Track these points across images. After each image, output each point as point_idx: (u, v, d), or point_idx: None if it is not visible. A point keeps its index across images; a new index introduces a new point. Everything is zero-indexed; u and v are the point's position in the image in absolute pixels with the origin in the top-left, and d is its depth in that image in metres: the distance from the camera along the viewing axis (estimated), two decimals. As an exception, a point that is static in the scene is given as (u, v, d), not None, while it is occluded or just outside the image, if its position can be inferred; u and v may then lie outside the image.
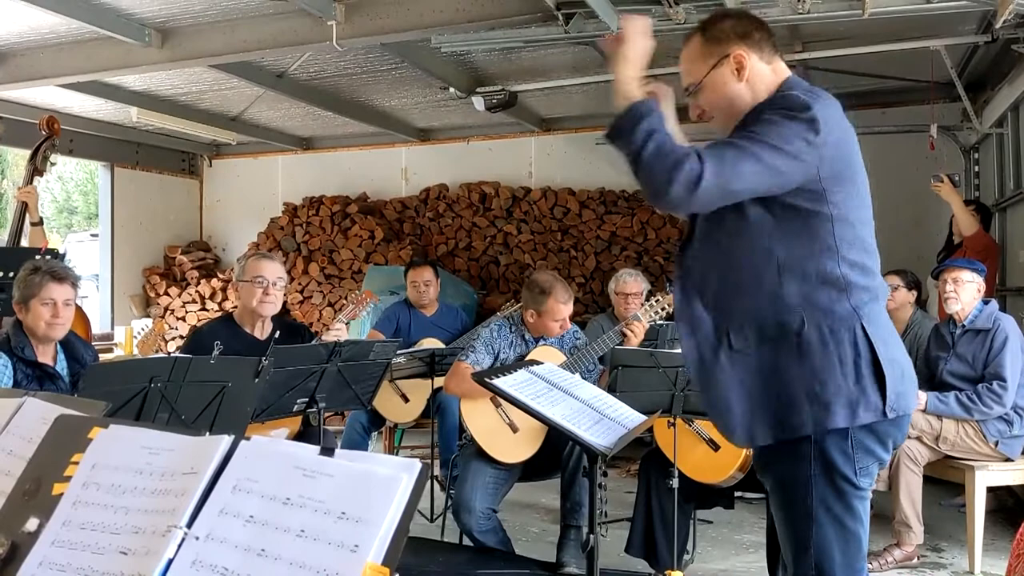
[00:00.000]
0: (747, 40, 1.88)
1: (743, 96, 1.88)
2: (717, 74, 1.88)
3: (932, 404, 3.83)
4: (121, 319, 7.64)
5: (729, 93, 1.88)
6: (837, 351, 1.75)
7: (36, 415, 1.34)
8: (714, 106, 1.92)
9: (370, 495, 1.04)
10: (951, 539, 4.21)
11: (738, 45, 1.87)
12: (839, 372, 1.75)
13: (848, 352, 1.75)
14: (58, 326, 3.11)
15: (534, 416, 2.33)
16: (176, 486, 1.12)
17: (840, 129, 1.80)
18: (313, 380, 3.17)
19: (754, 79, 1.87)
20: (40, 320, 3.08)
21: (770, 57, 1.90)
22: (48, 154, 4.74)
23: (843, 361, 1.75)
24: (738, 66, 1.87)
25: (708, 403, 1.92)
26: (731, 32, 1.88)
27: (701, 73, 1.90)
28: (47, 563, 1.11)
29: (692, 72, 1.93)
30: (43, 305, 3.08)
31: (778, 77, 1.90)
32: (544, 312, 3.59)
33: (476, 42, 4.85)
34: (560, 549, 3.40)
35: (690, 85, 1.94)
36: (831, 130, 1.76)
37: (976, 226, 4.90)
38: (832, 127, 1.76)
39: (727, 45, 1.88)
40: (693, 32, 1.96)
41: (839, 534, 1.79)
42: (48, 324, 3.08)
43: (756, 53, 1.88)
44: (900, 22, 4.54)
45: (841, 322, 1.76)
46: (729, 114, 1.90)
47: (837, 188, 1.78)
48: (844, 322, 1.76)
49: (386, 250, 7.36)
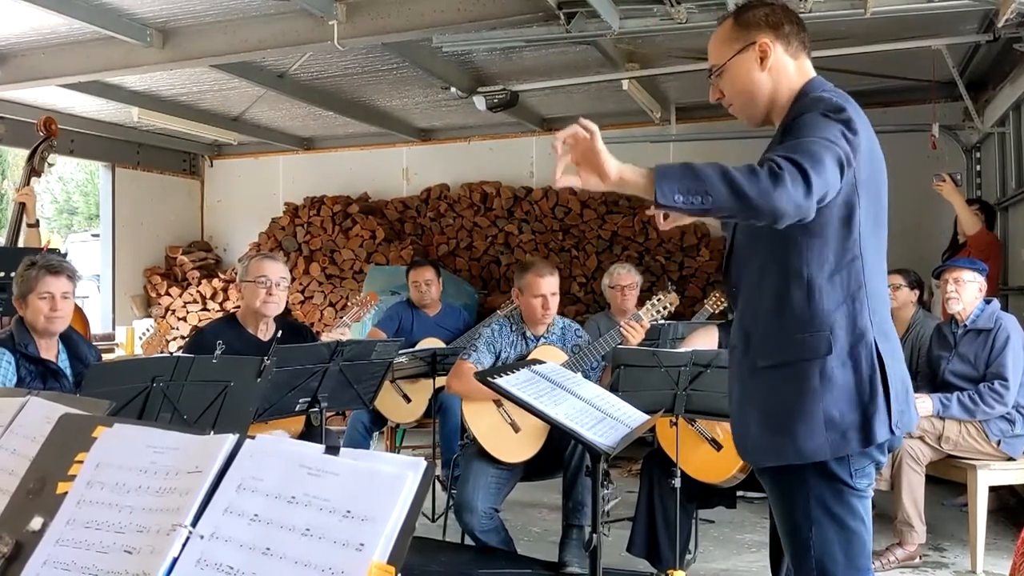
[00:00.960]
0: (776, 31, 1.88)
1: (763, 86, 1.88)
2: (741, 59, 1.89)
3: (936, 408, 3.82)
4: (122, 319, 7.65)
5: (750, 80, 1.89)
6: (855, 372, 1.76)
7: (40, 414, 1.34)
8: (734, 91, 1.93)
9: (375, 493, 1.04)
10: (953, 538, 4.20)
11: (766, 34, 1.87)
12: (856, 394, 1.76)
13: (865, 370, 1.76)
14: (57, 319, 3.12)
15: (537, 415, 2.32)
16: (180, 485, 1.12)
17: (868, 134, 1.80)
18: (315, 380, 3.17)
19: (777, 71, 1.87)
20: (39, 314, 3.09)
21: (796, 52, 1.90)
22: (46, 155, 4.75)
23: (860, 380, 1.76)
24: (762, 55, 1.87)
25: (732, 418, 1.94)
26: (762, 20, 1.88)
27: (725, 56, 1.91)
28: (51, 562, 1.11)
29: (717, 54, 1.93)
30: (41, 299, 3.09)
31: (802, 76, 1.89)
32: (525, 288, 3.61)
33: (477, 42, 4.84)
34: (562, 549, 3.40)
35: (714, 67, 1.94)
36: (863, 133, 1.75)
37: (979, 225, 4.89)
38: (862, 131, 1.76)
39: (755, 32, 1.88)
40: (727, 15, 1.96)
41: (840, 533, 1.79)
42: (47, 318, 3.10)
43: (782, 45, 1.88)
44: (901, 21, 4.53)
45: (860, 338, 1.77)
46: (748, 101, 1.91)
47: (865, 193, 1.78)
48: (862, 338, 1.77)
49: (387, 250, 7.36)
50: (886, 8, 4.15)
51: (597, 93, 6.32)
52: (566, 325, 3.77)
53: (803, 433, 1.76)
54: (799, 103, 1.84)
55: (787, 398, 1.79)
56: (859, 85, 5.87)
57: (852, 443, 1.75)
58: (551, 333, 3.70)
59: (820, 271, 1.77)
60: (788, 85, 1.88)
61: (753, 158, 1.68)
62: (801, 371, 1.77)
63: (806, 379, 1.76)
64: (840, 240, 1.77)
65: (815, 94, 1.82)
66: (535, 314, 3.62)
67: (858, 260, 1.78)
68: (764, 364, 1.83)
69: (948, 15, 4.47)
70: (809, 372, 1.76)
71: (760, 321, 1.84)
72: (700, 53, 5.30)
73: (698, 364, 3.12)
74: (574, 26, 4.36)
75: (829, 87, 1.87)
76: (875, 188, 1.82)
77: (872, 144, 1.81)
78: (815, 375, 1.76)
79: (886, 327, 1.81)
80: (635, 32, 4.57)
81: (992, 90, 5.70)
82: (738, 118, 1.97)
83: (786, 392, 1.79)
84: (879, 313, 1.80)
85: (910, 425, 1.83)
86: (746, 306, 1.90)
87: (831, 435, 1.75)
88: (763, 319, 1.83)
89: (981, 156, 6.25)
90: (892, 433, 1.76)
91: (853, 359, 1.76)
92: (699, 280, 6.77)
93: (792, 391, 1.78)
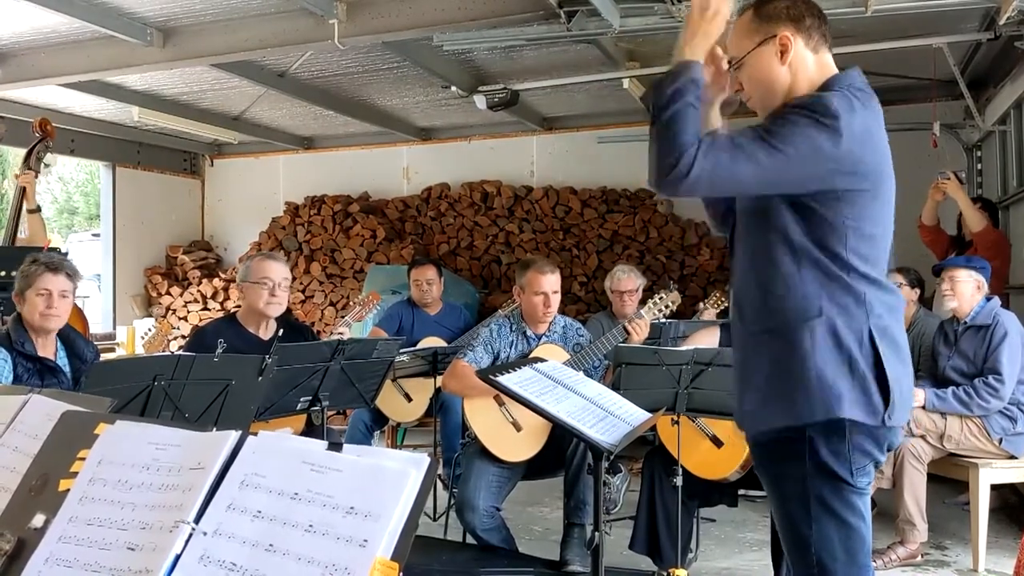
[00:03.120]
0: (797, 24, 1.86)
1: (782, 80, 1.86)
2: (761, 52, 1.87)
3: (931, 401, 3.84)
4: (123, 319, 7.65)
5: (769, 74, 1.87)
6: (847, 348, 1.76)
7: (41, 412, 1.34)
8: (753, 84, 1.91)
9: (379, 490, 1.03)
10: (955, 537, 4.20)
11: (787, 27, 1.85)
12: (848, 367, 1.75)
13: (855, 352, 1.75)
14: (53, 317, 3.11)
15: (539, 413, 2.32)
16: (183, 481, 1.12)
17: (869, 139, 1.78)
18: (316, 378, 3.17)
19: (796, 65, 1.85)
20: (35, 310, 3.09)
21: (817, 46, 1.88)
22: (42, 155, 4.77)
23: (853, 360, 1.75)
24: (782, 48, 1.85)
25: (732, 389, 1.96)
26: (783, 13, 1.86)
27: (745, 49, 1.88)
28: (54, 559, 1.10)
29: (738, 46, 1.91)
30: (39, 295, 3.09)
31: (823, 71, 1.87)
32: (526, 285, 3.61)
33: (478, 40, 4.84)
34: (564, 547, 3.39)
35: (733, 59, 1.92)
36: (856, 141, 1.74)
37: (984, 222, 4.88)
38: (859, 137, 1.74)
39: (776, 25, 1.85)
40: (748, 6, 1.94)
41: (839, 530, 1.79)
42: (43, 315, 3.09)
43: (803, 39, 1.86)
44: (902, 20, 4.53)
45: (851, 322, 1.76)
46: (766, 94, 1.89)
47: (856, 199, 1.77)
48: (854, 323, 1.76)
49: (388, 249, 7.35)
50: (887, 6, 4.14)
51: (598, 92, 6.32)
52: (567, 324, 3.76)
53: (800, 393, 1.77)
54: (803, 97, 1.82)
55: (781, 360, 1.80)
56: (860, 84, 5.87)
57: (846, 405, 1.74)
58: (552, 332, 3.69)
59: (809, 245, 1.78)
60: (807, 79, 1.86)
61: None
62: (794, 333, 1.78)
63: (799, 341, 1.77)
64: (827, 236, 1.77)
65: (819, 94, 1.80)
66: (536, 312, 3.62)
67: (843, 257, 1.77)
68: (756, 328, 1.85)
69: (949, 13, 4.46)
70: (801, 333, 1.77)
71: (751, 291, 1.87)
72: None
73: (700, 362, 3.12)
74: (575, 24, 4.36)
75: (847, 84, 1.83)
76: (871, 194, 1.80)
77: (873, 147, 1.80)
78: (807, 336, 1.76)
79: (884, 323, 1.79)
80: (636, 30, 4.57)
81: (993, 88, 5.70)
82: (755, 111, 1.94)
83: (779, 353, 1.80)
84: (883, 319, 1.79)
85: (901, 420, 1.82)
86: (739, 280, 1.93)
87: (824, 396, 1.75)
88: (753, 291, 1.86)
89: (982, 155, 6.25)
90: (883, 424, 1.76)
91: (851, 336, 1.76)
92: (700, 279, 6.77)
93: (785, 352, 1.79)
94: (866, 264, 1.79)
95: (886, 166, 1.84)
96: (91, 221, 19.66)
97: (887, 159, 1.85)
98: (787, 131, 1.72)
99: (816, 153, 1.72)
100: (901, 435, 1.89)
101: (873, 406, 1.75)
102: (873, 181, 1.80)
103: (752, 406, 1.87)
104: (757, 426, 1.89)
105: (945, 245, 5.18)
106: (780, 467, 1.84)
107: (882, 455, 1.82)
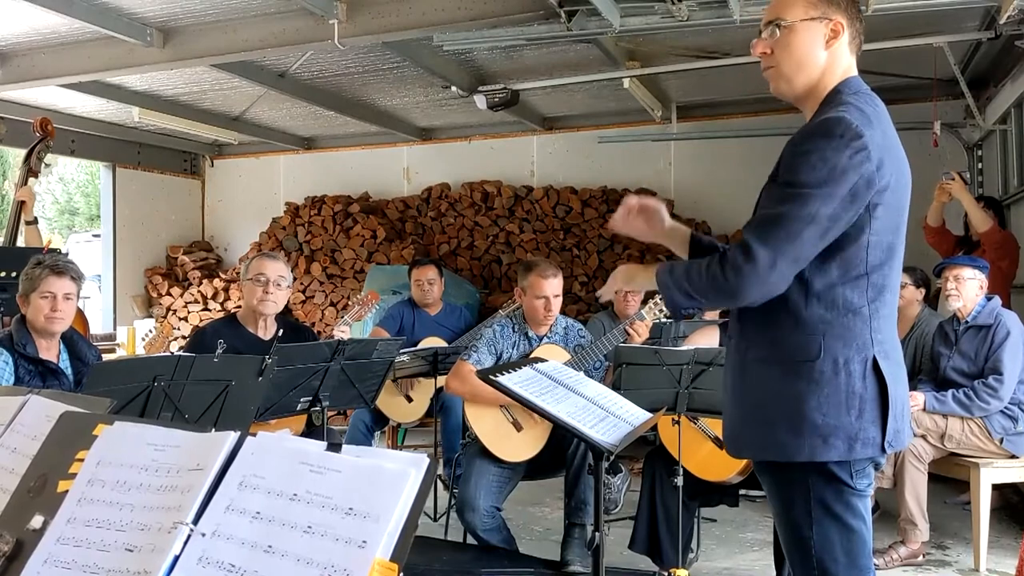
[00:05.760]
0: (851, 19, 1.82)
1: (818, 63, 1.81)
2: (811, 27, 1.80)
3: (930, 404, 3.83)
4: (123, 319, 7.64)
5: (811, 52, 1.80)
6: (848, 383, 1.73)
7: (40, 412, 1.33)
8: (786, 53, 1.82)
9: (378, 490, 1.03)
10: (956, 536, 4.19)
11: (843, 16, 1.81)
12: (844, 405, 1.73)
13: (857, 385, 1.73)
14: (56, 320, 3.11)
15: (539, 413, 2.31)
16: (182, 482, 1.11)
17: (889, 150, 1.75)
18: (317, 379, 3.17)
19: (835, 55, 1.81)
20: (39, 313, 3.09)
21: (853, 49, 1.85)
22: (42, 155, 4.79)
23: (851, 394, 1.73)
24: (832, 34, 1.80)
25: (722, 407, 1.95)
26: (844, 2, 1.82)
27: (795, 16, 1.80)
28: (52, 560, 1.10)
29: (788, 9, 1.81)
30: (42, 298, 3.09)
31: (846, 74, 1.84)
32: (528, 288, 3.60)
33: (478, 40, 4.84)
34: (564, 547, 3.39)
35: (776, 19, 1.82)
36: (880, 154, 1.71)
37: (990, 222, 4.85)
38: (880, 149, 1.71)
39: (836, 10, 1.81)
40: None
41: (841, 533, 1.78)
42: (47, 317, 3.09)
43: (850, 35, 1.83)
44: (903, 18, 4.52)
45: (856, 353, 1.74)
46: (795, 70, 1.82)
47: (879, 213, 1.74)
48: (859, 353, 1.74)
49: (388, 249, 7.35)
50: (887, 6, 4.14)
51: (598, 92, 6.31)
52: (568, 325, 3.76)
53: (785, 431, 1.75)
54: (825, 107, 1.78)
55: (773, 394, 1.78)
56: (860, 83, 5.86)
57: (833, 450, 1.72)
58: (553, 333, 3.69)
59: (820, 279, 1.74)
60: (832, 77, 1.81)
61: (753, 157, 1.70)
62: (790, 370, 1.76)
63: (795, 379, 1.75)
64: (848, 256, 1.74)
65: (833, 108, 1.75)
66: (537, 315, 3.62)
67: (864, 279, 1.75)
68: (755, 357, 1.83)
69: (949, 13, 4.46)
70: (798, 372, 1.75)
71: (756, 316, 1.82)
72: (701, 51, 5.33)
73: (700, 362, 3.12)
74: (575, 24, 4.36)
75: (865, 89, 1.81)
76: (892, 206, 1.76)
77: (892, 156, 1.75)
78: (804, 377, 1.74)
79: (887, 347, 1.78)
80: (636, 30, 4.57)
81: (994, 87, 5.69)
82: (770, 83, 1.87)
83: (773, 388, 1.78)
84: (883, 332, 1.77)
85: (903, 444, 1.81)
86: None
87: (812, 439, 1.73)
88: (759, 314, 1.81)
89: (983, 154, 6.24)
90: (883, 451, 1.75)
91: (847, 371, 1.73)
92: (700, 279, 6.74)
93: (779, 388, 1.77)
94: (882, 275, 1.77)
95: (903, 165, 1.81)
96: (91, 221, 19.66)
97: (903, 160, 1.81)
98: (823, 172, 1.67)
99: (862, 178, 1.68)
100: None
101: (870, 440, 1.74)
102: (894, 187, 1.76)
103: (739, 433, 1.86)
104: (742, 453, 1.91)
105: (951, 246, 5.16)
106: (780, 471, 1.83)
107: (881, 457, 1.82)
